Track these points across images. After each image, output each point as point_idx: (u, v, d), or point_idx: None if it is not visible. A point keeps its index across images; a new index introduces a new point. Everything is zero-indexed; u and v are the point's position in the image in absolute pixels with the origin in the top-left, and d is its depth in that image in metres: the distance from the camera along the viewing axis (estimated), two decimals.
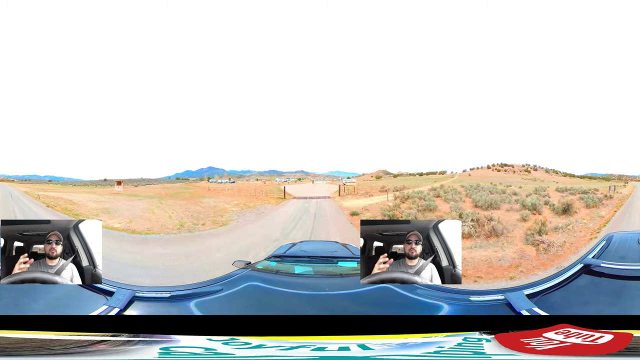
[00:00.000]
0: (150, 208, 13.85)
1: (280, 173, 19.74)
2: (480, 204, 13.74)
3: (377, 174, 20.73)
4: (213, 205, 15.18)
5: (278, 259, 3.93)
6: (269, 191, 18.20)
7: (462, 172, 19.72)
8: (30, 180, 16.29)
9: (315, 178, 20.31)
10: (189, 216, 13.48)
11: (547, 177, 19.22)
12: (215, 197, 16.55)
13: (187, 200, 15.33)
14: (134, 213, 12.94)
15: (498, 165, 20.08)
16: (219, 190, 18.13)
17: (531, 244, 9.89)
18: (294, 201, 17.33)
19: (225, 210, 14.79)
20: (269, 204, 16.72)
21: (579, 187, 15.36)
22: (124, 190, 15.43)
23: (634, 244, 3.37)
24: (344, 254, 4.26)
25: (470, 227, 10.69)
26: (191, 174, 19.62)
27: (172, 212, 13.78)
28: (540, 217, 11.00)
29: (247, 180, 19.72)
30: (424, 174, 19.82)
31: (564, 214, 11.54)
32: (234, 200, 16.39)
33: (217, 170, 19.91)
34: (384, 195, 17.90)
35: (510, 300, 2.50)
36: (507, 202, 13.93)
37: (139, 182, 18.00)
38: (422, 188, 17.49)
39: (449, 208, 14.20)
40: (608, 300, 2.45)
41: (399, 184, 18.67)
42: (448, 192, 16.40)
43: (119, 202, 13.98)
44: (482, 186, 16.79)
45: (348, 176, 20.23)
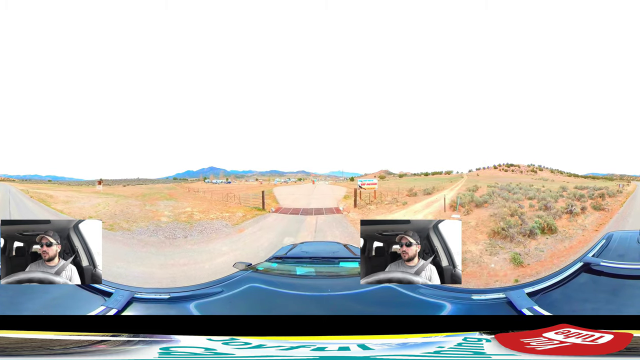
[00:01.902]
0: (102, 203, 14.41)
1: (282, 173, 19.69)
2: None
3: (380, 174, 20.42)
4: (159, 210, 13.63)
5: (279, 261, 3.94)
6: (251, 197, 14.60)
7: (467, 172, 19.65)
8: (31, 180, 17.37)
9: (316, 178, 19.89)
10: (118, 215, 13.23)
11: (554, 177, 19.19)
12: (183, 201, 15.17)
13: (145, 201, 14.89)
14: (82, 205, 13.85)
15: (504, 165, 20.03)
16: (206, 191, 17.46)
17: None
18: (273, 220, 10.77)
19: (157, 214, 13.33)
20: (228, 220, 11.96)
21: (593, 186, 15.50)
22: (107, 190, 16.50)
23: (633, 242, 3.40)
24: (345, 255, 4.27)
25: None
26: (192, 174, 19.67)
27: (110, 209, 13.90)
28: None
29: (247, 180, 19.69)
30: (429, 174, 19.34)
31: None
32: (197, 206, 14.24)
33: (219, 171, 19.93)
34: (416, 202, 14.27)
35: (511, 299, 2.54)
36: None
37: (131, 182, 18.25)
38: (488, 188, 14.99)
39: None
40: (607, 299, 2.46)
41: (416, 185, 16.84)
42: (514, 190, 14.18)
43: (84, 198, 14.87)
44: (521, 186, 16.18)
45: (350, 176, 19.38)
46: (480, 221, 10.37)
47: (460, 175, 19.47)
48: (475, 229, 9.73)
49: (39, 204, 13.80)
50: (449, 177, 19.27)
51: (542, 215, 9.40)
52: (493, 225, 9.43)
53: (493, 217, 10.46)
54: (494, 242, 8.60)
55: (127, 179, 18.61)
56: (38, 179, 17.72)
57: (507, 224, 8.82)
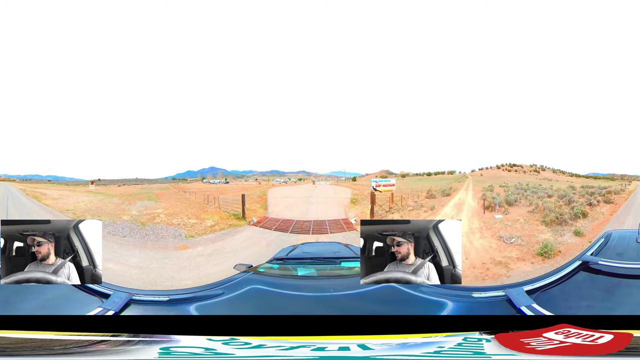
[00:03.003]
0: (85, 201, 15.37)
1: (282, 173, 19.68)
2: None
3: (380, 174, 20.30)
4: (129, 209, 13.85)
5: (280, 262, 3.94)
6: (231, 201, 13.61)
7: (470, 172, 19.63)
8: (31, 180, 18.10)
9: (317, 178, 19.80)
10: (91, 210, 13.98)
11: (557, 177, 19.23)
12: (162, 202, 15.17)
13: (125, 200, 15.34)
14: (67, 202, 15.02)
15: (507, 165, 20.04)
16: (197, 191, 17.40)
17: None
18: (245, 238, 7.92)
19: (125, 212, 13.55)
20: (188, 228, 10.81)
21: (598, 185, 16.41)
22: (101, 189, 17.45)
23: (632, 242, 3.41)
24: (346, 255, 4.27)
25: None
26: (193, 174, 19.72)
27: (89, 205, 14.75)
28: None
29: (246, 180, 19.70)
30: (432, 174, 19.13)
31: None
32: (170, 208, 14.01)
33: (220, 171, 19.97)
34: (440, 205, 13.33)
35: (510, 296, 2.57)
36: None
37: (129, 182, 18.55)
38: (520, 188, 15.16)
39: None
40: (605, 297, 2.47)
41: (423, 186, 16.19)
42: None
43: (73, 196, 15.96)
44: (535, 185, 16.44)
45: (351, 176, 19.27)
46: (524, 218, 11.66)
47: (464, 175, 19.43)
48: (528, 224, 11.19)
49: (32, 200, 14.84)
50: (453, 177, 19.22)
51: (574, 207, 12.00)
52: (542, 217, 11.29)
53: (533, 212, 12.05)
54: (554, 228, 10.78)
55: (125, 179, 18.76)
56: (39, 178, 18.24)
57: (561, 213, 11.22)
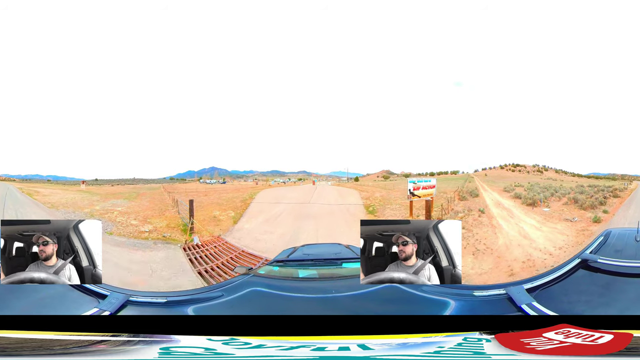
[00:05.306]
0: (69, 197, 17.04)
1: (283, 173, 19.72)
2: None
3: (382, 174, 20.27)
4: (98, 206, 15.59)
5: (281, 264, 3.94)
6: (201, 206, 14.31)
7: (473, 172, 19.64)
8: (31, 180, 19.38)
9: (317, 179, 19.74)
10: (65, 204, 15.62)
11: (560, 177, 19.29)
12: (137, 201, 16.37)
13: (103, 198, 17.10)
14: (53, 198, 16.77)
15: (511, 165, 20.10)
16: (189, 192, 17.74)
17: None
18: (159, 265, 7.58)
19: (91, 207, 15.39)
20: (120, 232, 12.67)
21: (603, 184, 18.08)
22: (92, 189, 19.21)
23: (631, 240, 3.43)
24: (347, 255, 4.27)
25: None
26: (194, 174, 19.79)
27: (68, 201, 16.41)
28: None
29: (245, 180, 19.75)
30: (435, 174, 19.04)
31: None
32: (134, 208, 15.45)
33: (220, 171, 20.02)
34: (476, 206, 13.92)
35: (511, 295, 2.60)
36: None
37: (125, 182, 18.94)
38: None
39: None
40: (604, 296, 2.49)
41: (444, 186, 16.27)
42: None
43: (62, 194, 17.78)
44: (552, 185, 17.85)
45: (353, 176, 19.14)
46: (565, 208, 14.91)
47: (469, 175, 19.45)
48: (571, 211, 14.67)
49: (26, 196, 16.85)
50: (458, 177, 19.24)
51: (597, 198, 15.30)
52: (579, 206, 14.77)
53: (566, 204, 15.20)
54: (590, 211, 14.16)
55: (123, 178, 18.96)
56: (39, 178, 19.48)
57: (592, 202, 14.71)
